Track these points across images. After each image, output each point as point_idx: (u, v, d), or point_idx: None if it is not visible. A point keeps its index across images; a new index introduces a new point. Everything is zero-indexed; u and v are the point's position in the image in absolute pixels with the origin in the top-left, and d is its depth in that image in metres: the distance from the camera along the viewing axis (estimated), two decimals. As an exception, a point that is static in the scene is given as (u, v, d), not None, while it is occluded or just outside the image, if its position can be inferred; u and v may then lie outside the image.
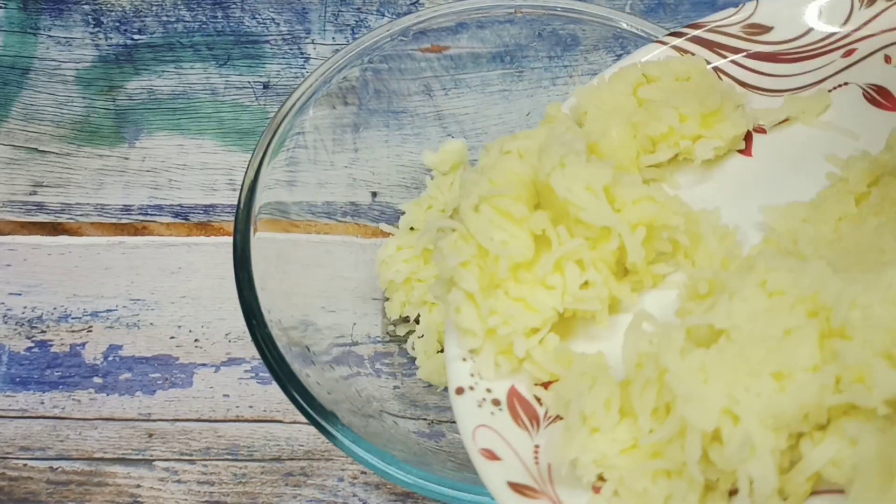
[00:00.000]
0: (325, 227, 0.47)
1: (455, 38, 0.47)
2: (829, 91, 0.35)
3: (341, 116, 0.46)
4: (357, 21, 0.56)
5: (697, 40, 0.36)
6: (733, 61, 0.36)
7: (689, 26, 0.37)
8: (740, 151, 0.35)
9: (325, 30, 0.56)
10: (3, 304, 0.50)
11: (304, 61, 0.55)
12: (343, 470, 0.45)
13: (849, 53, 0.35)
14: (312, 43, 0.56)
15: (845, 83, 0.35)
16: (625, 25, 0.44)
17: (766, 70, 0.36)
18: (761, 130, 0.35)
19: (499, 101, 0.49)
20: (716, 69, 0.36)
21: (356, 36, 0.55)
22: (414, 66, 0.48)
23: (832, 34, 0.36)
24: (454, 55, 0.48)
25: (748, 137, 0.35)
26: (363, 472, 0.45)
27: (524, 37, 0.47)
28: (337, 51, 0.46)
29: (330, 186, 0.47)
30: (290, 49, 0.56)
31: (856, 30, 0.35)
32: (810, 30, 0.36)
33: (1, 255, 0.51)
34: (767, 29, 0.36)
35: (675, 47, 0.36)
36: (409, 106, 0.48)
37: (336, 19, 0.56)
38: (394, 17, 0.55)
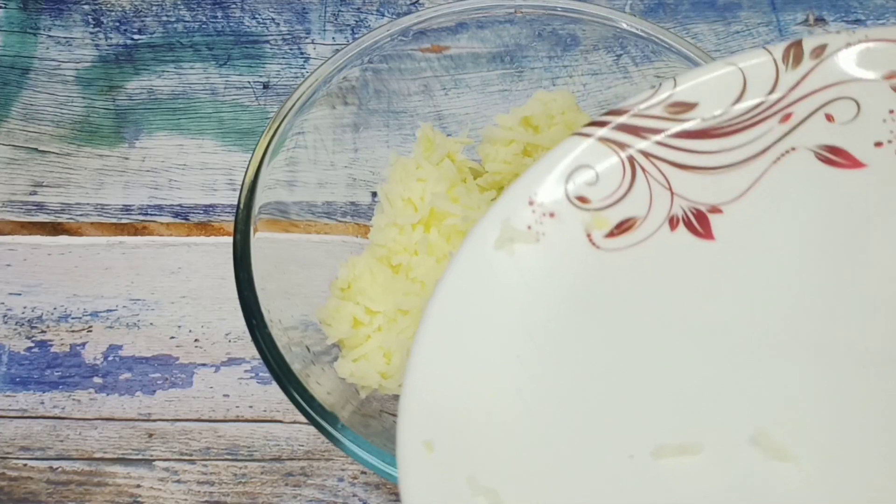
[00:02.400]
0: (325, 227, 0.47)
1: (455, 38, 0.47)
2: (777, 159, 0.34)
3: (341, 116, 0.46)
4: (357, 21, 0.56)
5: (623, 128, 0.34)
6: (660, 142, 0.34)
7: (609, 113, 0.35)
8: (699, 235, 0.34)
9: (325, 30, 0.56)
10: (3, 304, 0.50)
11: (304, 61, 0.55)
12: (343, 470, 0.45)
13: (786, 119, 0.34)
14: (312, 43, 0.56)
15: (792, 148, 0.34)
16: (625, 25, 0.44)
17: (700, 148, 0.34)
18: (717, 210, 0.34)
19: (499, 101, 0.49)
20: (644, 153, 0.34)
21: (356, 36, 0.55)
22: (414, 66, 0.48)
23: (762, 102, 0.34)
24: (454, 55, 0.48)
25: (703, 219, 0.34)
26: (363, 472, 0.45)
27: (524, 37, 0.47)
28: (337, 51, 0.46)
29: (330, 186, 0.47)
30: (290, 49, 0.56)
31: (786, 94, 0.34)
32: (737, 101, 0.34)
33: (1, 255, 0.51)
34: (692, 105, 0.34)
35: (602, 139, 0.34)
36: (409, 106, 0.48)
37: (336, 19, 0.56)
38: (394, 17, 0.55)
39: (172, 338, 0.48)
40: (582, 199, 0.34)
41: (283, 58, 0.55)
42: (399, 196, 0.44)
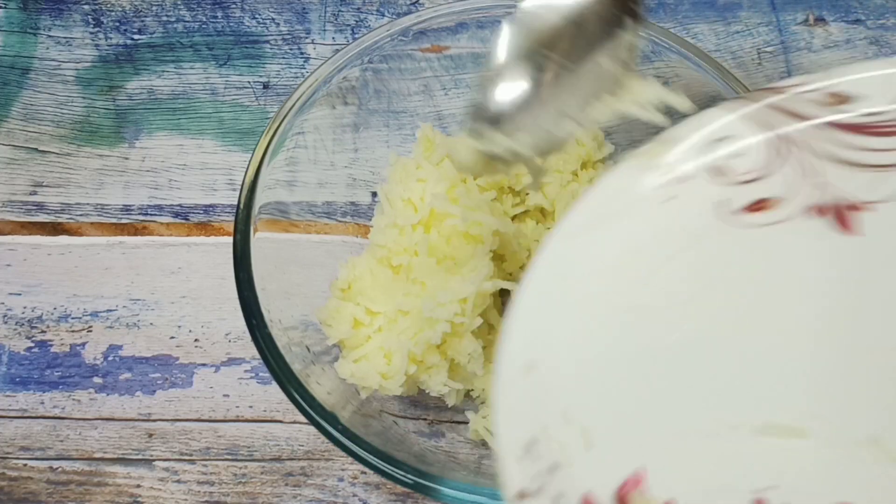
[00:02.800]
0: (325, 227, 0.47)
1: (455, 38, 0.47)
2: None
3: (341, 116, 0.46)
4: (357, 21, 0.56)
5: (775, 108, 0.33)
6: (813, 129, 0.33)
7: (762, 90, 0.34)
8: (844, 229, 0.32)
9: (325, 30, 0.56)
10: (3, 304, 0.50)
11: (304, 61, 0.55)
12: (343, 470, 0.45)
13: None
14: (312, 43, 0.56)
15: None
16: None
17: (855, 143, 0.33)
18: (867, 208, 0.32)
19: (499, 101, 0.49)
20: (794, 136, 0.33)
21: (356, 36, 0.55)
22: (414, 66, 0.48)
23: None
24: (454, 55, 0.49)
25: (850, 214, 0.33)
26: (363, 472, 0.45)
27: (524, 37, 0.47)
28: (337, 51, 0.46)
29: (330, 186, 0.47)
30: (290, 49, 0.56)
31: None
32: None
33: (1, 255, 0.51)
34: (852, 98, 0.33)
35: (751, 115, 0.34)
36: (409, 106, 0.48)
37: (336, 19, 0.56)
38: (394, 17, 0.56)
39: (172, 338, 0.48)
40: (720, 171, 0.34)
41: (283, 58, 0.55)
42: (399, 196, 0.44)
